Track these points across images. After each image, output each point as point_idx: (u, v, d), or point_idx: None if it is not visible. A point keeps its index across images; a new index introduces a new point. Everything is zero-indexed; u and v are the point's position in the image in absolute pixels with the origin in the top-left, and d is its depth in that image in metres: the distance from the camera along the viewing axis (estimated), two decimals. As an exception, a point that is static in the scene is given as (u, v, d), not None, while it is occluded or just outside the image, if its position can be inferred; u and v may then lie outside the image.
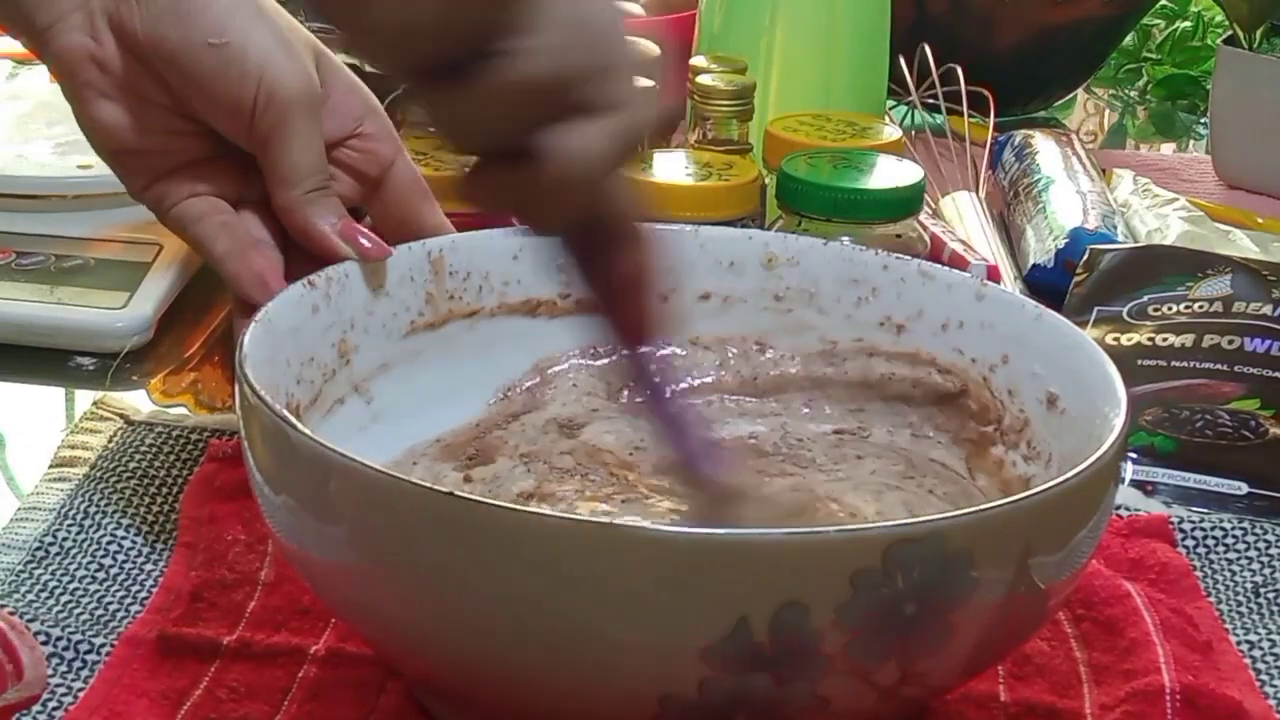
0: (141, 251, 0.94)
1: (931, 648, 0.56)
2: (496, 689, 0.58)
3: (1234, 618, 0.73)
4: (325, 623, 0.68)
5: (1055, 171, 1.14)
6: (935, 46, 1.23)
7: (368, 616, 0.60)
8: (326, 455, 0.57)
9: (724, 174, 0.91)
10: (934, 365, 0.74)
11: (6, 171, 0.99)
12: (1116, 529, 0.77)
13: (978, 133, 1.23)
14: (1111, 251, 1.00)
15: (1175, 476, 0.83)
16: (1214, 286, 0.94)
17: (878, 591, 0.54)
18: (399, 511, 0.55)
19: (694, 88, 1.00)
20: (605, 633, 0.54)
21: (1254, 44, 1.26)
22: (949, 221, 1.08)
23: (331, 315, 0.70)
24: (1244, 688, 0.67)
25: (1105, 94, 1.54)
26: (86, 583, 0.70)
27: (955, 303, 0.74)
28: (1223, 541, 0.77)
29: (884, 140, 0.97)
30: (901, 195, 0.87)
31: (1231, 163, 1.27)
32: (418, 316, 0.74)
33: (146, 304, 0.91)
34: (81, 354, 0.90)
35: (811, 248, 0.77)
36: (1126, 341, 0.91)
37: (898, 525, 0.55)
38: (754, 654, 0.54)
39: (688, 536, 0.55)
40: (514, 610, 0.55)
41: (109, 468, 0.77)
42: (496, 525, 0.54)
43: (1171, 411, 0.85)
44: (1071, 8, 1.35)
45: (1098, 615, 0.71)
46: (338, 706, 0.64)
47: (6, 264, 0.93)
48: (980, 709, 0.65)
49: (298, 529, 0.60)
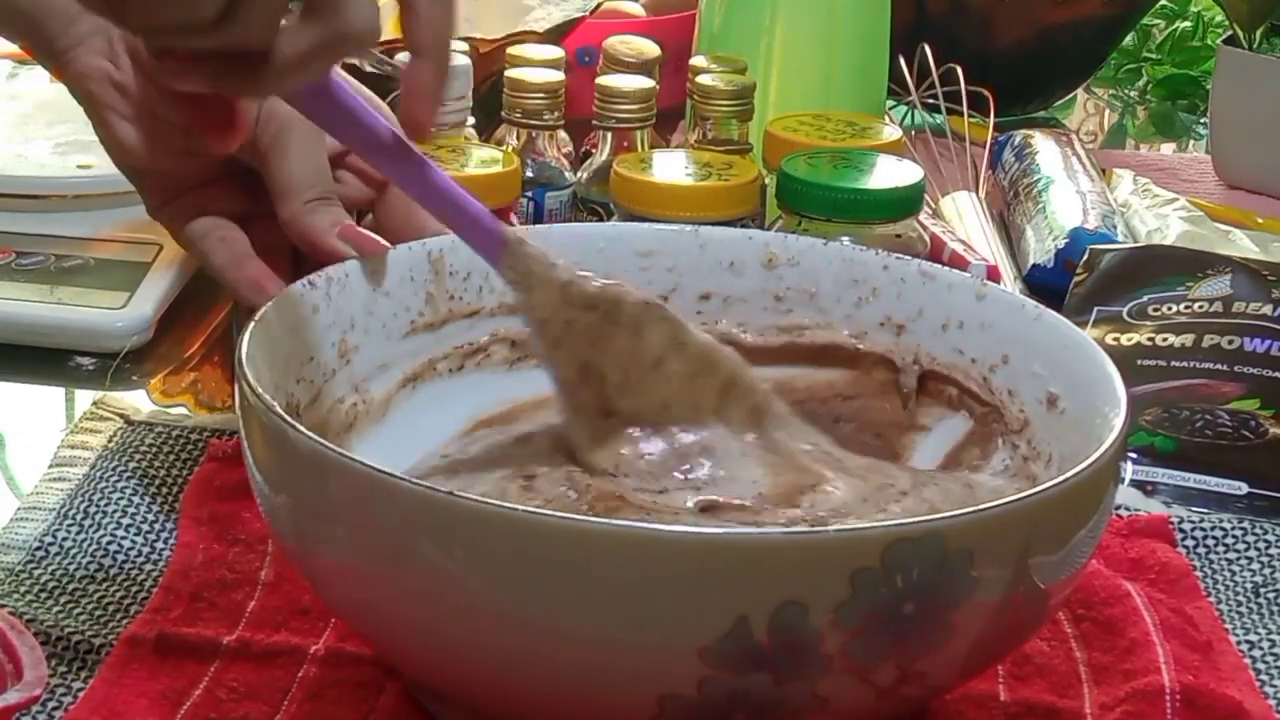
0: (141, 251, 0.94)
1: (931, 647, 0.56)
2: (496, 689, 0.58)
3: (1234, 618, 0.73)
4: (325, 623, 0.68)
5: (1055, 171, 1.14)
6: (935, 46, 1.23)
7: (368, 616, 0.60)
8: (326, 455, 0.57)
9: (724, 174, 0.91)
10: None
11: (6, 171, 0.99)
12: (1116, 529, 0.77)
13: (978, 133, 1.23)
14: (1111, 251, 1.00)
15: (1175, 476, 0.83)
16: (1214, 286, 0.94)
17: (877, 591, 0.54)
18: (399, 511, 0.55)
19: (694, 88, 1.00)
20: (605, 633, 0.54)
21: (1254, 44, 1.26)
22: (949, 221, 1.08)
23: (331, 315, 0.70)
24: (1244, 688, 0.67)
25: (1105, 94, 1.54)
26: (86, 583, 0.70)
27: (955, 303, 0.74)
28: (1223, 541, 0.77)
29: (884, 140, 0.97)
30: (901, 195, 0.87)
31: (1231, 163, 1.27)
32: (418, 317, 0.74)
33: (146, 304, 0.91)
34: (81, 354, 0.91)
35: (811, 248, 0.77)
36: (1126, 341, 0.91)
37: (897, 525, 0.55)
38: (753, 653, 0.54)
39: (687, 536, 0.55)
40: (513, 610, 0.55)
41: (109, 468, 0.77)
42: (496, 525, 0.54)
43: (1171, 411, 0.85)
44: (1071, 8, 1.35)
45: (1098, 615, 0.71)
46: (337, 706, 0.64)
47: (6, 264, 0.93)
48: (980, 709, 0.65)
49: (298, 529, 0.60)
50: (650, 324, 0.71)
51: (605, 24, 1.15)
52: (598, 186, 0.96)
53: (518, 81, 0.98)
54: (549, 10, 1.15)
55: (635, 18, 1.24)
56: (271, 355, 0.65)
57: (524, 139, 0.98)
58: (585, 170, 0.99)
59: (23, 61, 1.13)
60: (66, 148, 1.01)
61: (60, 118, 1.03)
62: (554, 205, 0.97)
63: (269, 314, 0.67)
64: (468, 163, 0.90)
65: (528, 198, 0.96)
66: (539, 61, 1.00)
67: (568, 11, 1.13)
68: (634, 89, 0.98)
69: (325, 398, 0.70)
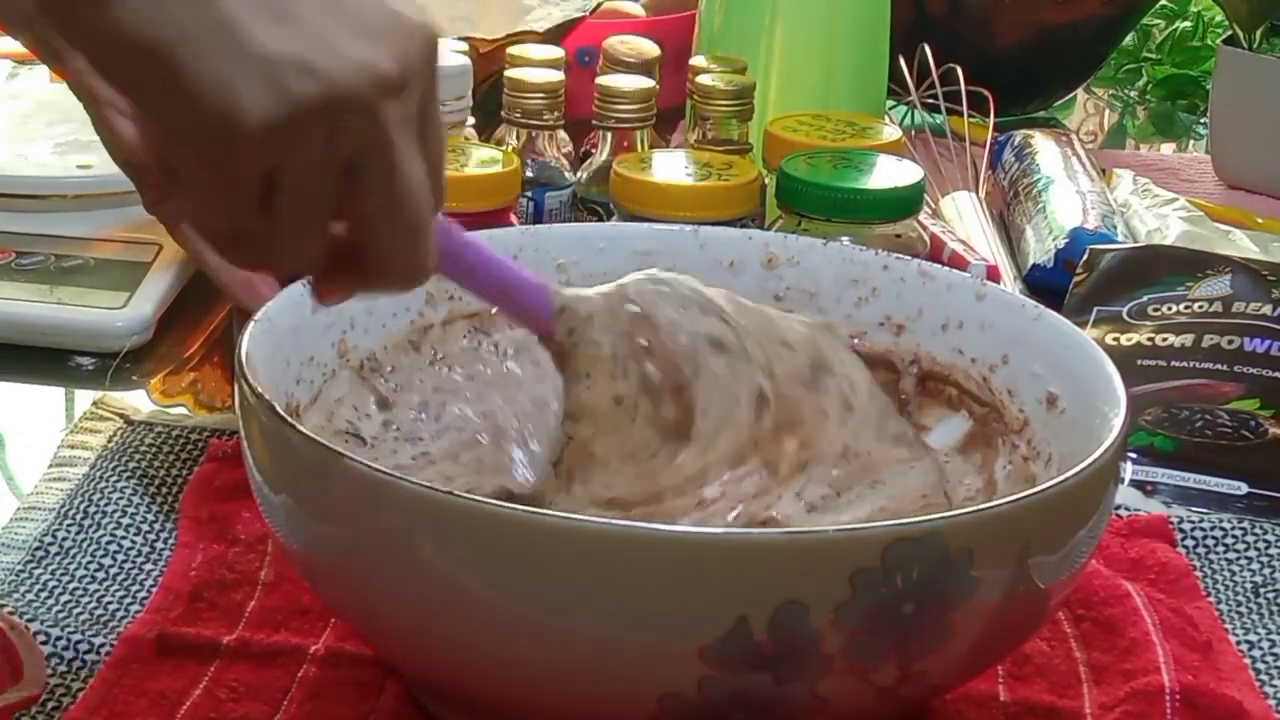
0: (141, 251, 0.94)
1: (931, 647, 0.56)
2: (496, 689, 0.58)
3: (1234, 618, 0.73)
4: (325, 623, 0.68)
5: (1055, 171, 1.14)
6: (935, 46, 1.23)
7: (368, 616, 0.60)
8: (326, 455, 0.57)
9: (724, 174, 0.91)
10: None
11: (6, 171, 0.99)
12: (1116, 529, 0.77)
13: (978, 133, 1.23)
14: (1111, 251, 1.00)
15: (1175, 476, 0.83)
16: (1214, 286, 0.94)
17: (877, 591, 0.54)
18: (399, 511, 0.55)
19: (694, 88, 1.00)
20: (605, 633, 0.54)
21: (1254, 44, 1.26)
22: (949, 221, 1.08)
23: (331, 315, 0.70)
24: (1244, 688, 0.67)
25: (1105, 94, 1.54)
26: (86, 583, 0.70)
27: (955, 303, 0.74)
28: (1222, 541, 0.77)
29: (884, 140, 0.97)
30: (901, 195, 0.87)
31: (1231, 163, 1.27)
32: (418, 317, 0.74)
33: (146, 304, 0.91)
34: (81, 354, 0.90)
35: (811, 248, 0.77)
36: (1126, 341, 0.91)
37: (897, 525, 0.55)
38: (753, 653, 0.54)
39: (687, 536, 0.55)
40: (513, 610, 0.55)
41: (109, 468, 0.77)
42: (497, 525, 0.54)
43: (1171, 411, 0.85)
44: (1071, 8, 1.35)
45: (1098, 615, 0.71)
46: (337, 706, 0.64)
47: (6, 264, 0.93)
48: (980, 709, 0.65)
49: (298, 529, 0.60)
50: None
51: (605, 24, 1.15)
52: (598, 186, 0.96)
53: (518, 81, 0.98)
54: (549, 10, 1.15)
55: (635, 18, 1.24)
56: (271, 355, 0.65)
57: (524, 139, 0.98)
58: (585, 170, 0.99)
59: (23, 61, 1.13)
60: (66, 148, 1.01)
61: (60, 118, 1.03)
62: (554, 205, 0.97)
63: (269, 314, 0.67)
64: (467, 163, 0.89)
65: (528, 198, 0.96)
66: (539, 61, 1.00)
67: (568, 11, 1.13)
68: (634, 89, 0.98)
69: (325, 398, 0.70)
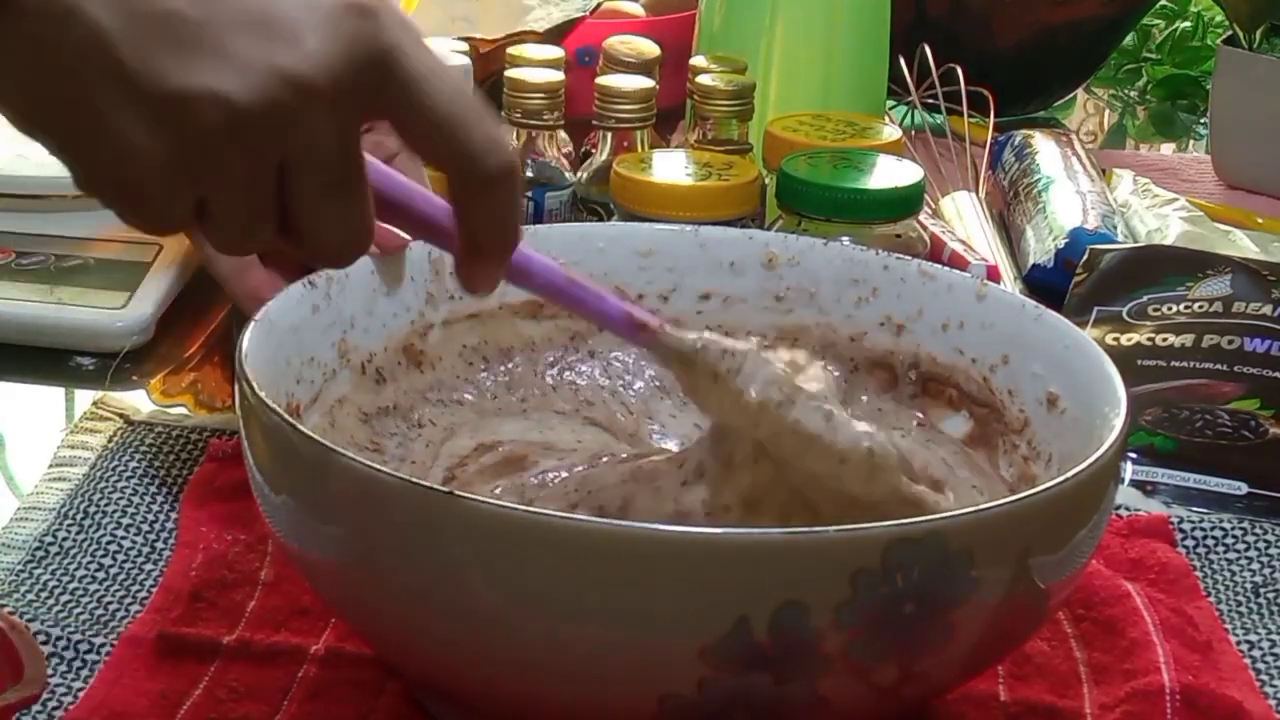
0: (141, 251, 0.94)
1: (931, 647, 0.56)
2: (496, 689, 0.58)
3: (1234, 618, 0.73)
4: (325, 623, 0.68)
5: (1055, 171, 1.14)
6: (935, 46, 1.23)
7: (368, 616, 0.60)
8: (326, 455, 0.57)
9: (724, 174, 0.91)
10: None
11: (6, 171, 0.99)
12: (1116, 529, 0.77)
13: (978, 133, 1.23)
14: (1111, 251, 1.00)
15: (1175, 476, 0.83)
16: (1214, 286, 0.94)
17: (877, 591, 0.54)
18: (399, 511, 0.55)
19: (694, 88, 1.00)
20: (605, 633, 0.54)
21: (1254, 44, 1.26)
22: (949, 221, 1.08)
23: (331, 315, 0.70)
24: (1244, 688, 0.67)
25: (1105, 94, 1.54)
26: (86, 583, 0.70)
27: (955, 303, 0.74)
28: (1222, 541, 0.77)
29: (884, 140, 0.97)
30: (901, 195, 0.87)
31: (1231, 163, 1.27)
32: (418, 317, 0.74)
33: (146, 304, 0.91)
34: (81, 354, 0.90)
35: (811, 248, 0.77)
36: (1126, 341, 0.91)
37: (897, 525, 0.55)
38: (754, 653, 0.54)
39: (687, 536, 0.55)
40: (514, 610, 0.55)
41: (109, 468, 0.77)
42: (496, 525, 0.54)
43: (1171, 411, 0.85)
44: (1071, 8, 1.35)
45: (1098, 615, 0.71)
46: (337, 706, 0.64)
47: (6, 264, 0.93)
48: (980, 709, 0.65)
49: (298, 529, 0.60)
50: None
51: (605, 24, 1.15)
52: (598, 186, 0.96)
53: (518, 81, 0.98)
54: (549, 10, 1.15)
55: (635, 18, 1.24)
56: (271, 355, 0.65)
57: (524, 139, 0.98)
58: (585, 170, 0.98)
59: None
60: (66, 148, 1.00)
61: (60, 118, 1.03)
62: (554, 205, 0.97)
63: (269, 314, 0.67)
64: None
65: (528, 198, 0.96)
66: (539, 61, 1.00)
67: (568, 11, 1.13)
68: (634, 89, 0.98)
69: (325, 398, 0.70)
